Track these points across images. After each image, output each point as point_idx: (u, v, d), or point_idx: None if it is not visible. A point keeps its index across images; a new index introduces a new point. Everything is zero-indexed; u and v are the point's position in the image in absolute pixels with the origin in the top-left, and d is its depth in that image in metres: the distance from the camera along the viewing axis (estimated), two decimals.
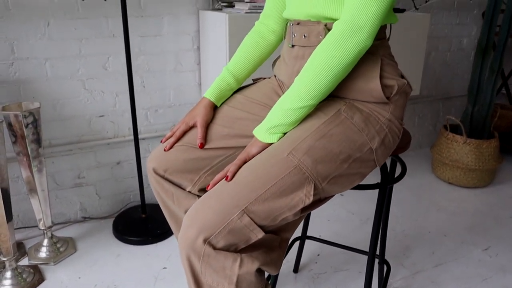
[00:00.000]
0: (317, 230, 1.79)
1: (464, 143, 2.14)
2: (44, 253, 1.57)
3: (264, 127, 0.84)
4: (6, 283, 1.40)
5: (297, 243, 1.63)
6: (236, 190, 0.77)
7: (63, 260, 1.57)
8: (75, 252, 1.62)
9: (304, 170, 0.78)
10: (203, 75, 1.85)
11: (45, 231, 1.58)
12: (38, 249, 1.58)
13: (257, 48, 1.04)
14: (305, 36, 0.89)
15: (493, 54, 2.10)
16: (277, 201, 0.77)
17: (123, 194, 1.91)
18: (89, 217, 1.85)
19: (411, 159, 2.54)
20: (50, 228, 1.58)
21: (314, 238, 1.48)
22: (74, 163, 1.76)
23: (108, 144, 1.80)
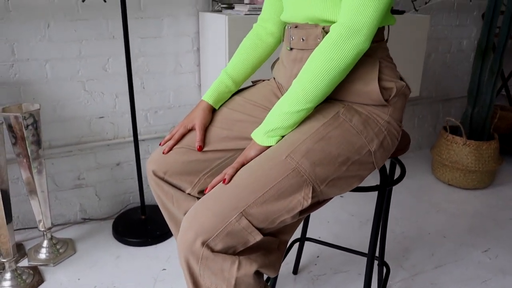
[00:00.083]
0: (316, 231, 1.79)
1: (464, 145, 2.14)
2: (43, 254, 1.57)
3: (262, 130, 0.84)
4: (6, 284, 1.40)
5: (296, 245, 1.63)
6: (234, 192, 0.77)
7: (63, 261, 1.57)
8: (75, 253, 1.62)
9: (302, 172, 0.78)
10: (203, 77, 1.85)
11: (44, 232, 1.58)
12: (38, 250, 1.58)
13: (255, 50, 1.04)
14: (303, 39, 0.89)
15: (493, 56, 2.10)
16: (275, 203, 0.77)
17: (123, 196, 1.91)
18: (88, 218, 1.85)
19: (411, 161, 2.54)
20: (49, 229, 1.58)
21: (314, 240, 1.48)
22: (74, 165, 1.76)
23: (108, 145, 1.80)
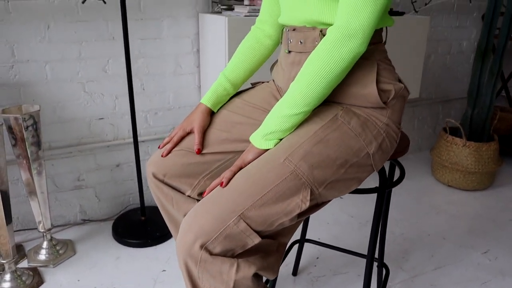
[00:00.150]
0: (316, 233, 1.79)
1: (463, 146, 2.14)
2: (43, 255, 1.57)
3: (260, 134, 0.84)
4: (6, 286, 1.40)
5: (296, 246, 1.63)
6: (232, 196, 0.77)
7: (63, 262, 1.57)
8: (75, 254, 1.62)
9: (300, 175, 0.78)
10: (203, 78, 1.85)
11: (44, 234, 1.58)
12: (38, 251, 1.58)
13: (253, 53, 1.04)
14: (301, 42, 0.89)
15: (492, 57, 2.10)
16: (273, 206, 0.77)
17: (123, 197, 1.91)
18: (88, 219, 1.85)
19: (411, 162, 2.54)
20: (49, 230, 1.58)
21: (313, 241, 1.48)
22: (74, 166, 1.77)
23: (107, 146, 1.80)
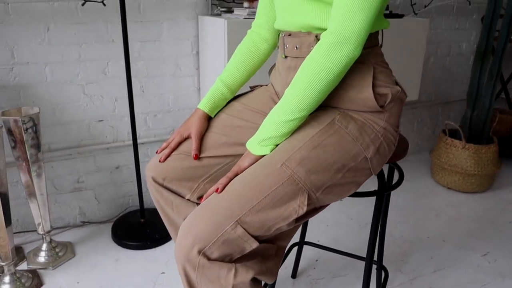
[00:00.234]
0: (315, 235, 1.79)
1: (463, 148, 2.14)
2: (43, 257, 1.57)
3: (256, 140, 0.84)
4: None
5: (295, 249, 1.63)
6: (230, 201, 0.77)
7: (62, 264, 1.57)
8: (74, 256, 1.62)
9: (297, 180, 0.78)
10: (202, 80, 1.85)
11: (44, 236, 1.58)
12: (37, 253, 1.58)
13: (250, 57, 1.03)
14: (296, 47, 0.89)
15: (492, 59, 2.10)
16: (270, 212, 0.77)
17: (122, 199, 1.91)
18: (88, 221, 1.85)
19: (410, 164, 2.54)
20: (49, 232, 1.59)
21: (312, 244, 1.48)
22: (73, 168, 1.77)
23: (107, 148, 1.81)
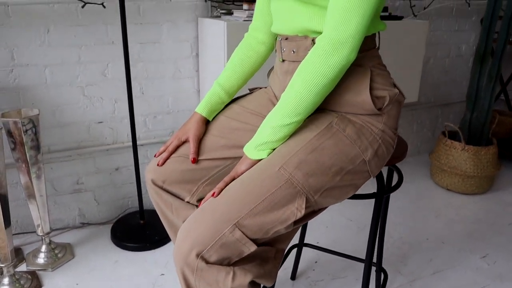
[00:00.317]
0: (314, 237, 1.79)
1: (462, 150, 2.14)
2: (42, 259, 1.57)
3: (252, 144, 0.84)
4: None
5: (294, 250, 1.62)
6: (228, 205, 0.77)
7: (61, 266, 1.57)
8: (73, 258, 1.62)
9: (295, 184, 0.78)
10: (202, 82, 1.86)
11: (43, 237, 1.58)
12: (36, 255, 1.58)
13: (247, 61, 1.03)
14: (293, 51, 0.89)
15: (491, 61, 2.10)
16: (268, 215, 0.77)
17: (122, 200, 1.91)
18: (87, 223, 1.85)
19: (410, 166, 2.54)
20: (48, 234, 1.59)
21: (312, 246, 1.48)
22: (73, 169, 1.77)
23: (107, 150, 1.81)
